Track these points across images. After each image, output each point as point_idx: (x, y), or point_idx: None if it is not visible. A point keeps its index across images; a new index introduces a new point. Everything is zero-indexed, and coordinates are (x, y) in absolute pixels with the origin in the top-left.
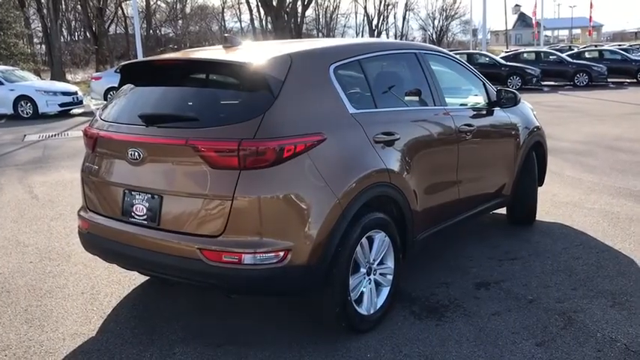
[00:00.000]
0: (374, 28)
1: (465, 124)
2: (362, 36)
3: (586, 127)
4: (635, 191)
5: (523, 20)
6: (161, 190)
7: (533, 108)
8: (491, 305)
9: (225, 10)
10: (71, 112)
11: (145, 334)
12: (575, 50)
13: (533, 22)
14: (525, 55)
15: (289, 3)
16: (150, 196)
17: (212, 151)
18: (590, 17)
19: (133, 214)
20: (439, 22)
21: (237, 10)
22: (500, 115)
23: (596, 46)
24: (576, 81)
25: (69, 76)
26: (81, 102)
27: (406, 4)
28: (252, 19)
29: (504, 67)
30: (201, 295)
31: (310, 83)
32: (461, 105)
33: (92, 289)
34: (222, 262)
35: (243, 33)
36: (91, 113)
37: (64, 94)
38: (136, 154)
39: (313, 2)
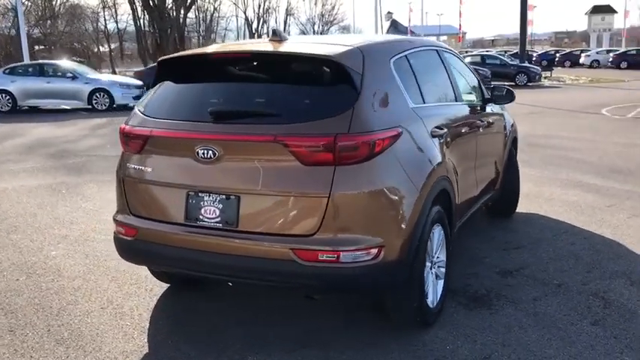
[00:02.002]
0: (254, 31)
1: (479, 119)
2: (243, 38)
3: None
4: (578, 182)
5: (395, 27)
6: (239, 189)
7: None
8: (528, 291)
9: (103, 9)
10: None
11: (207, 344)
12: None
13: (408, 28)
14: None
15: (172, 4)
16: (224, 197)
17: (305, 147)
18: (460, 25)
19: (201, 217)
20: (319, 27)
21: (114, 11)
22: (494, 111)
23: (467, 52)
24: None
25: None
26: None
27: (287, 9)
28: (135, 19)
29: None
30: (236, 299)
31: (380, 77)
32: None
33: (111, 304)
34: (318, 261)
35: (121, 34)
36: None
37: None
38: (210, 152)
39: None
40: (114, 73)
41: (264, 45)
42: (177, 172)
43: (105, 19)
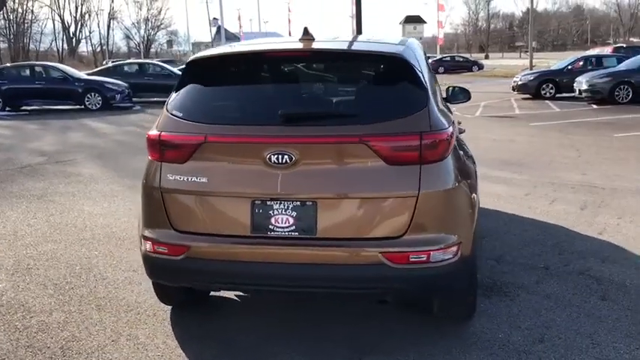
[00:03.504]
0: (72, 35)
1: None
2: (61, 43)
3: None
4: (482, 175)
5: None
6: (317, 195)
7: None
8: (526, 276)
9: None
10: None
11: None
12: None
13: (240, 34)
14: None
15: None
16: (299, 203)
17: (391, 147)
18: (290, 32)
19: (271, 227)
20: (145, 31)
21: None
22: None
23: None
24: None
25: None
26: None
27: (110, 13)
28: None
29: (79, 82)
30: (254, 313)
31: (429, 75)
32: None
33: (120, 335)
34: (409, 263)
35: None
36: None
37: None
38: (285, 157)
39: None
40: None
41: (300, 44)
42: (241, 180)
43: None
